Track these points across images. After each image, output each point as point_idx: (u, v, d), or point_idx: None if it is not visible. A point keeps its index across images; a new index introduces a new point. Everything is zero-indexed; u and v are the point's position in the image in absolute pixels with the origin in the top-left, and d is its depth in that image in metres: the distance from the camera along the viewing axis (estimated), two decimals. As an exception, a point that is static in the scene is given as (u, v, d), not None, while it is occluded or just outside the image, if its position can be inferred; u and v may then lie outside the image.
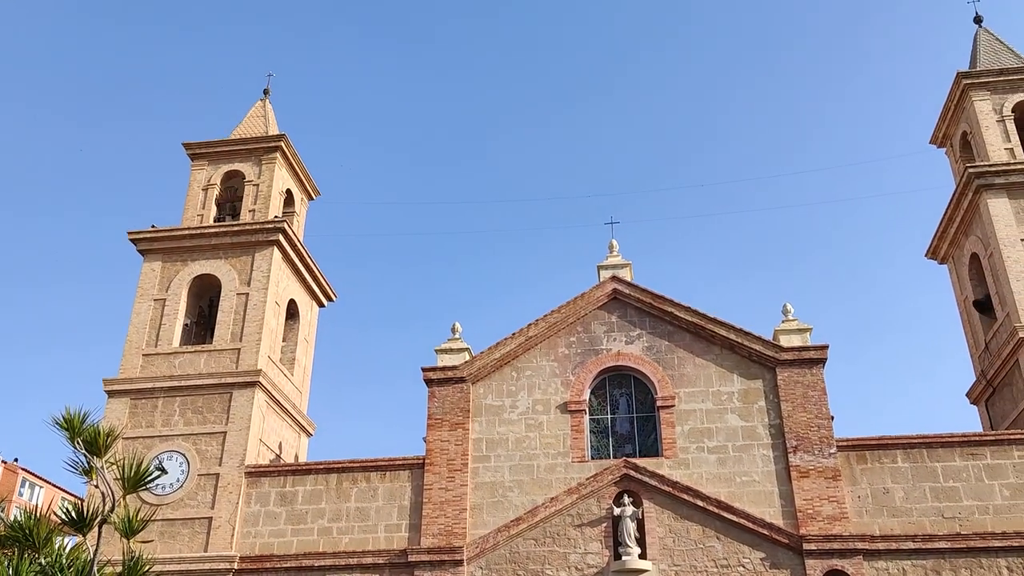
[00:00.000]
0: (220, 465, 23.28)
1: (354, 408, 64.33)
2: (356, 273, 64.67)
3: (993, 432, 22.77)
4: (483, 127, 73.58)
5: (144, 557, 7.81)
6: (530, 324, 23.78)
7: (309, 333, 29.11)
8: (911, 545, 19.98)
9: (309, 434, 28.02)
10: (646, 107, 71.62)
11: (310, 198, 30.79)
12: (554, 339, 23.85)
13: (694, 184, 65.02)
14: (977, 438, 21.22)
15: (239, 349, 24.89)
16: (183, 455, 23.52)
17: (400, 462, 22.83)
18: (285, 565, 21.85)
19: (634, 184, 65.86)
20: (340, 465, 23.02)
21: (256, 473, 23.19)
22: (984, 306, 24.95)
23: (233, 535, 22.34)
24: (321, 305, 29.95)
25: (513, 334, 23.73)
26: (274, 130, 29.73)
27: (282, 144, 28.30)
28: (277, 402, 25.41)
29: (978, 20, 28.16)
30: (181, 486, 23.14)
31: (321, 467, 23.20)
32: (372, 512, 22.39)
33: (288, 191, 29.18)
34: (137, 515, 7.89)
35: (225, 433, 23.67)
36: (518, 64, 74.76)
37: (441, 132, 73.77)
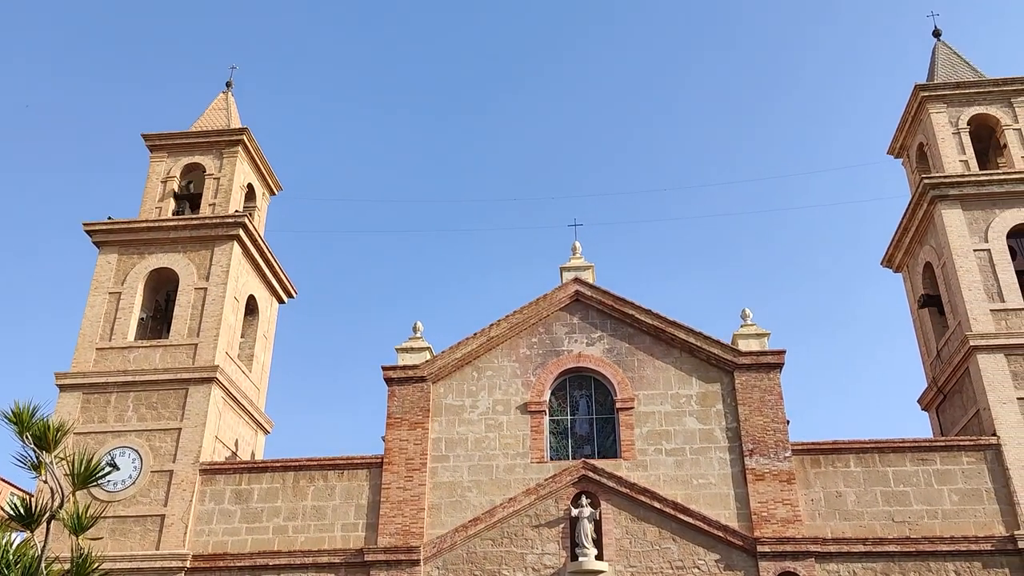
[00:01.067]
0: (174, 462, 22.92)
1: (313, 406, 63.76)
2: (317, 269, 64.09)
3: (943, 438, 23.25)
4: (447, 126, 73.50)
5: (93, 554, 7.67)
6: (492, 324, 23.77)
7: (268, 329, 28.80)
8: (862, 548, 20.32)
9: (266, 431, 27.72)
10: (611, 109, 72.05)
11: (272, 193, 30.47)
12: (515, 340, 23.87)
13: (657, 188, 65.38)
14: (927, 444, 21.65)
15: (196, 344, 24.53)
16: (136, 451, 23.13)
17: (358, 461, 22.68)
18: (239, 564, 21.58)
19: (598, 187, 66.08)
20: (297, 463, 22.79)
21: (211, 470, 22.88)
22: (931, 300, 25.40)
23: (186, 533, 22.01)
24: (281, 301, 29.66)
25: (475, 334, 23.71)
26: (236, 123, 29.35)
27: (244, 138, 27.96)
28: (234, 399, 25.09)
29: (937, 34, 28.71)
30: (133, 483, 22.74)
31: (278, 465, 22.94)
32: (329, 511, 22.20)
33: (249, 185, 28.84)
34: (87, 511, 7.75)
35: (180, 430, 23.30)
36: (483, 64, 74.83)
37: (405, 130, 73.52)
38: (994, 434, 21.28)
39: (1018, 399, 21.59)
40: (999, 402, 21.58)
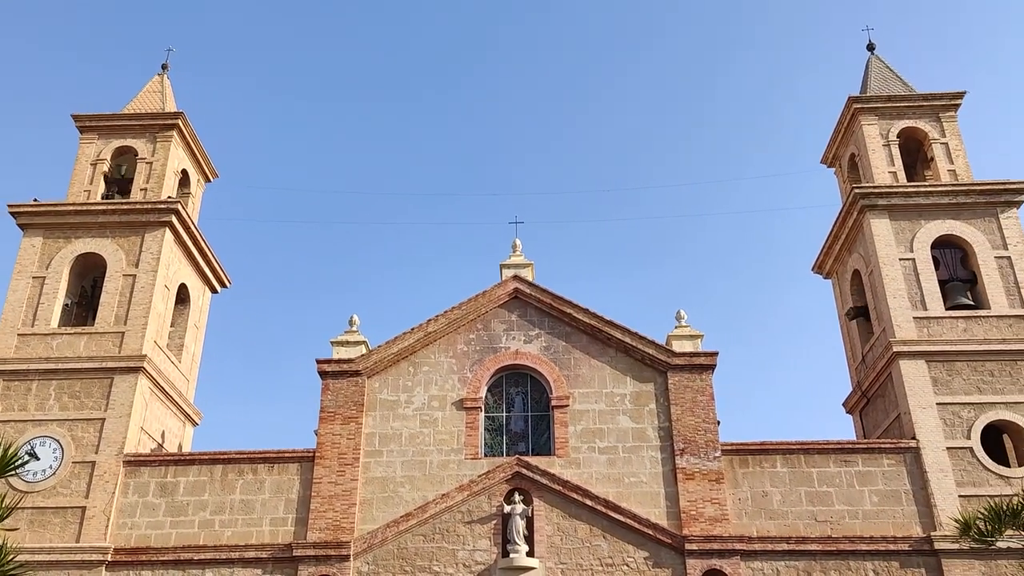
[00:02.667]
0: (97, 453, 22.29)
1: (245, 398, 62.54)
2: (253, 259, 62.86)
3: (865, 441, 23.95)
4: (390, 118, 72.91)
5: (9, 546, 7.43)
6: (430, 320, 23.68)
7: (200, 319, 28.19)
8: (785, 547, 20.82)
9: (195, 423, 27.15)
10: (554, 109, 72.37)
11: (207, 180, 29.82)
12: (453, 335, 23.81)
13: (597, 188, 65.94)
14: (850, 446, 22.26)
15: (123, 333, 23.89)
16: (57, 441, 22.43)
17: (289, 455, 22.37)
18: (162, 558, 21.09)
19: (539, 185, 66.34)
20: (226, 456, 22.37)
21: (135, 462, 22.31)
22: (859, 311, 26.15)
23: (108, 526, 21.43)
24: (214, 291, 29.07)
25: (412, 329, 23.59)
26: (171, 107, 28.66)
27: (179, 122, 27.30)
28: (162, 389, 24.50)
29: (871, 48, 29.52)
30: (54, 473, 22.05)
31: (206, 458, 22.48)
32: (257, 505, 21.84)
33: (184, 171, 28.19)
34: (3, 501, 7.50)
35: (104, 420, 22.67)
36: (428, 56, 74.33)
37: (346, 121, 72.62)
38: (913, 438, 22.00)
39: (937, 404, 22.35)
40: (919, 407, 22.32)
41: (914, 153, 27.64)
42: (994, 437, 22.68)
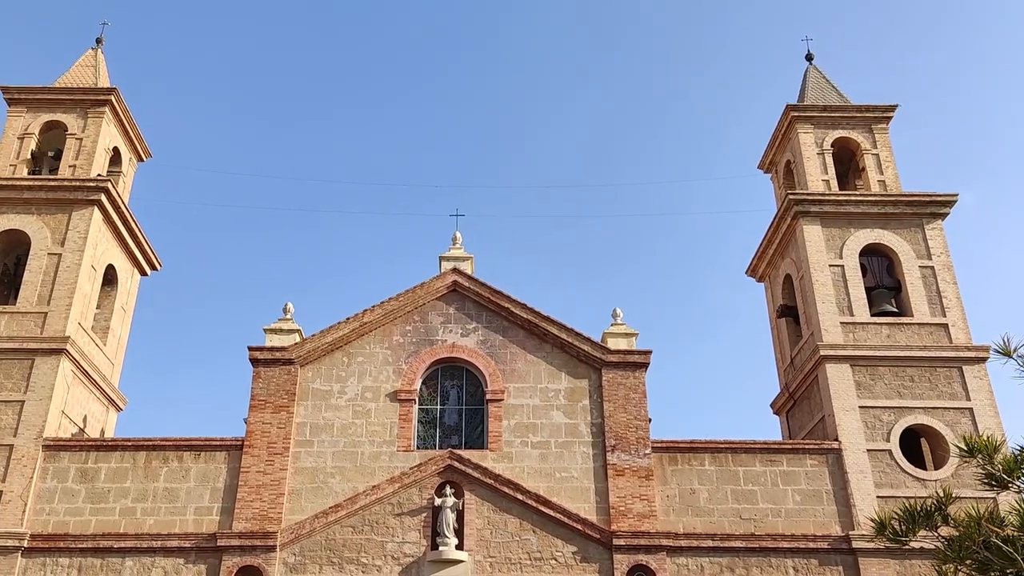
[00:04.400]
0: (15, 436, 21.54)
1: (173, 384, 61.07)
2: (186, 243, 61.29)
3: (790, 441, 24.55)
4: (332, 104, 71.82)
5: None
6: (366, 310, 23.47)
7: (128, 301, 27.44)
8: (710, 543, 21.22)
9: (119, 408, 26.43)
10: (499, 104, 72.28)
11: (140, 159, 29.02)
12: (389, 327, 23.65)
13: (541, 185, 66.10)
14: (776, 446, 22.80)
15: (46, 313, 23.12)
16: (-28, 424, 21.60)
17: (217, 443, 21.94)
18: (80, 546, 20.51)
19: (480, 179, 66.25)
20: (150, 443, 21.84)
21: (55, 447, 21.63)
22: (788, 310, 26.76)
23: (25, 511, 20.75)
24: (144, 273, 28.31)
25: (348, 319, 23.34)
26: (105, 82, 27.80)
27: (112, 98, 26.49)
28: (85, 372, 23.78)
29: (809, 58, 30.18)
30: (-33, 457, 21.23)
31: (129, 444, 21.92)
32: (182, 493, 21.38)
33: (115, 149, 27.37)
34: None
35: (23, 402, 21.92)
36: (376, 47, 73.47)
37: (286, 108, 71.28)
38: (836, 439, 22.63)
39: (860, 407, 23.02)
40: (842, 409, 22.96)
41: (847, 162, 28.38)
42: (912, 440, 23.48)
